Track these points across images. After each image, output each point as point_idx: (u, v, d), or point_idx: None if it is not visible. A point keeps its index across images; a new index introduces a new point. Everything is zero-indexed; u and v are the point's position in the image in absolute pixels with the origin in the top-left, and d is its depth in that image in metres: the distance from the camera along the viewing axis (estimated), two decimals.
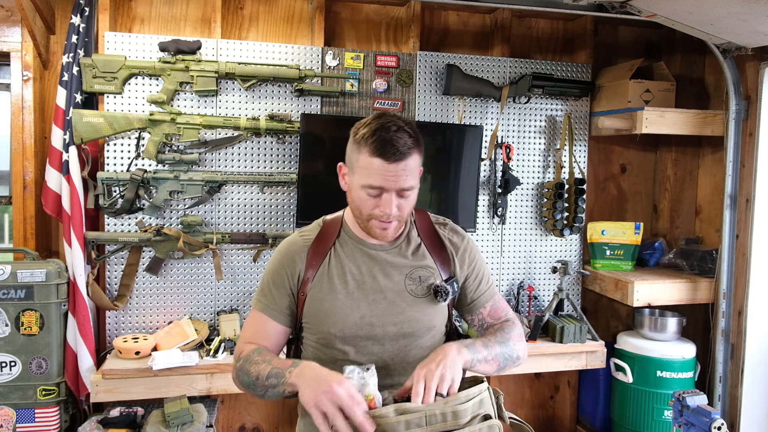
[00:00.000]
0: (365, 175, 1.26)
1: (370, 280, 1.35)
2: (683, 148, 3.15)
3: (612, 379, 2.95)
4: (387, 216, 1.27)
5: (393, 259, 1.38)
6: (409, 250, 1.40)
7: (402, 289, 1.35)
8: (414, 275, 1.37)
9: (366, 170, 1.26)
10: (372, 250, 1.38)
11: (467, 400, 1.18)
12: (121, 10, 2.60)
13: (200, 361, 2.36)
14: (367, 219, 1.31)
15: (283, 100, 2.64)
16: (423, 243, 1.42)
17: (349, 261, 1.37)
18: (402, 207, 1.29)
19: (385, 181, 1.24)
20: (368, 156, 1.25)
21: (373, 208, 1.28)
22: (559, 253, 3.00)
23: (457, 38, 2.96)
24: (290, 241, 1.42)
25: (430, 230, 1.44)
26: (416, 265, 1.38)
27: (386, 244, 1.39)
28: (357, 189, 1.29)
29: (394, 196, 1.27)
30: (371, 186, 1.26)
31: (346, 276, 1.35)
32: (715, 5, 2.08)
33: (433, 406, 1.15)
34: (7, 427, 2.34)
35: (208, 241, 2.52)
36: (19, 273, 2.31)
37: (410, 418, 1.13)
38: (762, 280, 2.68)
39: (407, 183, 1.26)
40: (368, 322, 1.32)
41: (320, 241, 1.39)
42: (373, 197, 1.27)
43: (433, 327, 1.37)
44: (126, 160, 2.51)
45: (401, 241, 1.40)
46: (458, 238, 1.46)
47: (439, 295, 1.35)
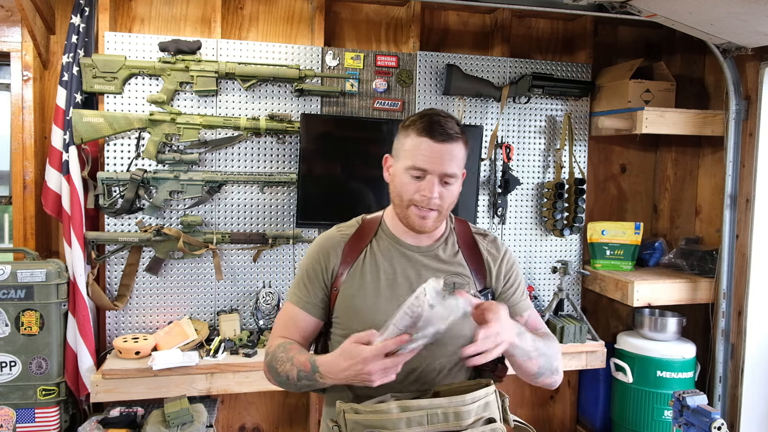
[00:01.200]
0: (410, 156, 1.26)
1: (402, 280, 1.33)
2: (683, 148, 3.15)
3: (612, 379, 2.95)
4: (427, 201, 1.25)
5: (428, 262, 1.35)
6: (446, 256, 1.37)
7: None
8: (448, 281, 1.33)
9: (412, 151, 1.26)
10: (408, 251, 1.36)
11: (472, 402, 1.18)
12: (121, 10, 2.60)
13: (200, 361, 2.36)
14: (407, 205, 1.29)
15: (283, 100, 2.64)
16: (461, 250, 1.39)
17: (383, 259, 1.35)
18: (443, 196, 1.27)
19: (430, 163, 1.24)
20: (416, 136, 1.25)
21: (414, 192, 1.26)
22: (559, 253, 3.00)
23: (457, 38, 2.96)
24: (327, 236, 1.41)
25: (470, 239, 1.42)
26: (451, 272, 1.35)
27: (423, 246, 1.37)
28: (401, 174, 1.29)
29: (437, 181, 1.25)
30: (415, 167, 1.25)
31: (379, 273, 1.33)
32: (715, 5, 2.08)
33: (435, 406, 1.15)
34: (7, 427, 2.34)
35: (208, 241, 2.52)
36: (19, 273, 2.31)
37: (412, 416, 1.13)
38: (762, 280, 2.67)
39: (451, 168, 1.25)
40: None
41: (357, 237, 1.38)
42: (416, 180, 1.26)
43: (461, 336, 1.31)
44: (126, 160, 2.51)
45: (439, 244, 1.38)
46: (497, 250, 1.43)
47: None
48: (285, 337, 1.37)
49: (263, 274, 2.68)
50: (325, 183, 2.59)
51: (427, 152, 1.24)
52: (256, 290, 2.67)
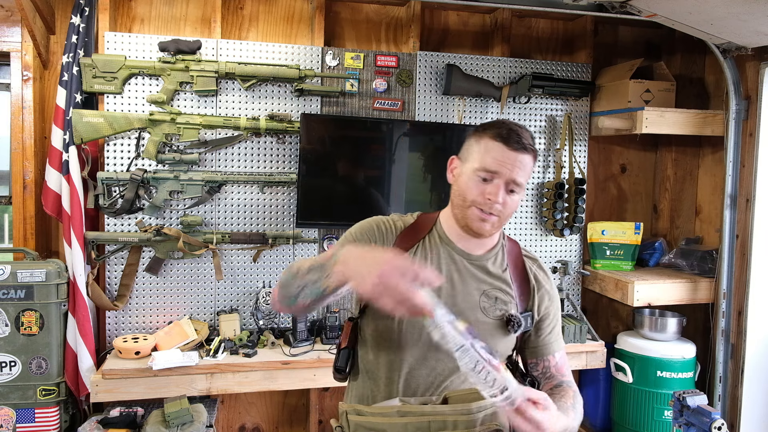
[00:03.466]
0: (481, 158, 1.26)
1: (447, 284, 1.31)
2: (683, 148, 3.15)
3: (612, 379, 2.94)
4: (491, 204, 1.25)
5: (475, 272, 1.34)
6: (494, 269, 1.36)
7: (475, 304, 1.31)
8: (491, 294, 1.32)
9: (483, 154, 1.26)
10: (458, 255, 1.34)
11: (478, 411, 1.17)
12: (121, 10, 2.60)
13: (200, 361, 2.36)
14: (469, 205, 1.27)
15: (283, 100, 2.64)
16: (509, 268, 1.38)
17: (433, 257, 1.33)
18: (506, 203, 1.26)
19: (501, 166, 1.24)
20: (490, 140, 1.26)
21: (479, 194, 1.26)
22: (559, 253, 3.00)
23: (457, 38, 2.96)
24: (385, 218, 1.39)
25: (519, 259, 1.41)
26: (496, 286, 1.34)
27: (473, 255, 1.35)
28: (468, 174, 1.28)
29: (503, 187, 1.25)
30: (486, 169, 1.25)
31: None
32: (715, 5, 2.08)
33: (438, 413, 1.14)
34: (7, 427, 2.34)
35: (208, 241, 2.52)
36: (19, 273, 2.31)
37: (414, 421, 1.13)
38: (762, 280, 2.67)
39: (519, 177, 1.25)
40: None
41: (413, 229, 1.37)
42: (483, 182, 1.26)
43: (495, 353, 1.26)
44: (126, 160, 2.51)
45: (489, 257, 1.36)
46: (544, 276, 1.42)
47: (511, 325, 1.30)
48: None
49: (263, 274, 2.68)
50: (325, 183, 2.59)
51: (500, 156, 1.24)
52: (256, 290, 2.67)
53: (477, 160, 1.27)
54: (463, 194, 1.29)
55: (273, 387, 2.41)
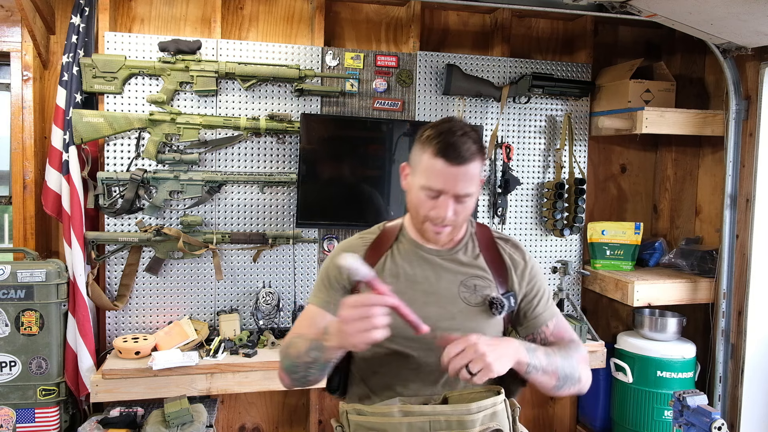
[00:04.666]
0: (426, 177, 1.26)
1: (423, 283, 1.34)
2: (683, 148, 3.15)
3: (612, 379, 2.94)
4: (442, 219, 1.26)
5: (449, 265, 1.36)
6: (466, 258, 1.38)
7: (455, 295, 1.33)
8: (469, 283, 1.35)
9: (427, 172, 1.25)
10: (428, 254, 1.37)
11: (478, 411, 1.17)
12: (121, 10, 2.60)
13: (200, 361, 2.36)
14: (423, 221, 1.30)
15: (283, 100, 2.64)
16: (481, 254, 1.39)
17: (404, 262, 1.36)
18: (458, 212, 1.28)
19: (444, 184, 1.24)
20: (431, 157, 1.25)
21: (429, 209, 1.27)
22: (559, 253, 3.00)
23: (457, 38, 2.96)
24: (348, 243, 1.43)
25: (491, 243, 1.42)
26: (472, 274, 1.36)
27: (443, 250, 1.37)
28: (416, 189, 1.29)
29: (452, 201, 1.26)
30: (430, 188, 1.25)
31: (400, 277, 1.34)
32: (715, 5, 2.08)
33: (438, 413, 1.14)
34: (7, 427, 2.34)
35: (208, 241, 2.52)
36: (19, 273, 2.31)
37: (414, 421, 1.13)
38: (762, 280, 2.67)
39: (466, 189, 1.25)
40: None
41: (379, 242, 1.40)
42: (431, 199, 1.27)
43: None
44: (126, 160, 2.51)
45: (459, 248, 1.39)
46: (519, 255, 1.43)
47: (494, 308, 1.32)
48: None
49: (263, 274, 2.68)
50: (325, 183, 2.59)
51: (442, 175, 1.23)
52: (256, 290, 2.67)
53: (422, 176, 1.27)
54: (416, 209, 1.31)
55: (273, 387, 2.41)
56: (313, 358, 1.20)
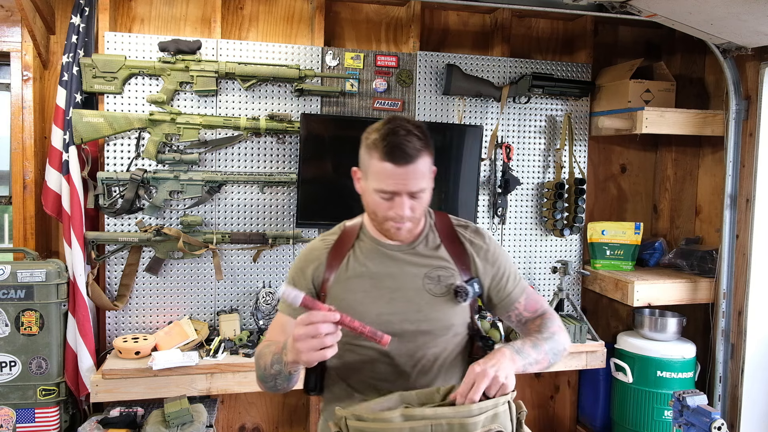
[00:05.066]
0: (377, 180, 1.29)
1: (387, 279, 1.37)
2: (683, 148, 3.15)
3: (612, 379, 2.95)
4: (400, 218, 1.30)
5: (411, 259, 1.39)
6: (428, 251, 1.41)
7: (420, 288, 1.36)
8: (433, 275, 1.37)
9: (378, 175, 1.28)
10: (390, 251, 1.39)
11: (479, 413, 1.17)
12: (121, 10, 2.60)
13: (200, 361, 2.36)
14: (383, 221, 1.33)
15: (283, 100, 2.64)
16: (443, 244, 1.42)
17: (367, 260, 1.39)
18: (415, 208, 1.31)
19: (396, 185, 1.27)
20: (379, 161, 1.27)
21: (387, 210, 1.31)
22: (559, 253, 3.00)
23: (457, 38, 2.96)
24: (311, 246, 1.45)
25: (450, 232, 1.45)
26: (435, 265, 1.39)
27: (404, 245, 1.40)
28: (371, 193, 1.32)
29: (407, 198, 1.29)
30: (383, 191, 1.28)
31: (364, 275, 1.37)
32: (715, 5, 2.08)
33: (440, 416, 1.14)
34: (7, 427, 2.34)
35: (208, 241, 2.52)
36: (19, 273, 2.31)
37: (415, 425, 1.13)
38: (762, 280, 2.67)
39: (417, 186, 1.28)
40: (386, 319, 1.33)
41: (340, 243, 1.42)
42: (387, 200, 1.30)
43: (451, 326, 1.37)
44: (126, 160, 2.51)
45: (419, 241, 1.41)
46: (480, 239, 1.46)
47: (459, 296, 1.35)
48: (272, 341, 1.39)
49: (263, 274, 2.68)
50: (325, 183, 2.59)
51: (392, 177, 1.26)
52: (256, 290, 2.67)
53: (374, 180, 1.30)
54: (374, 211, 1.34)
55: None
56: (277, 371, 1.25)
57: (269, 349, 1.31)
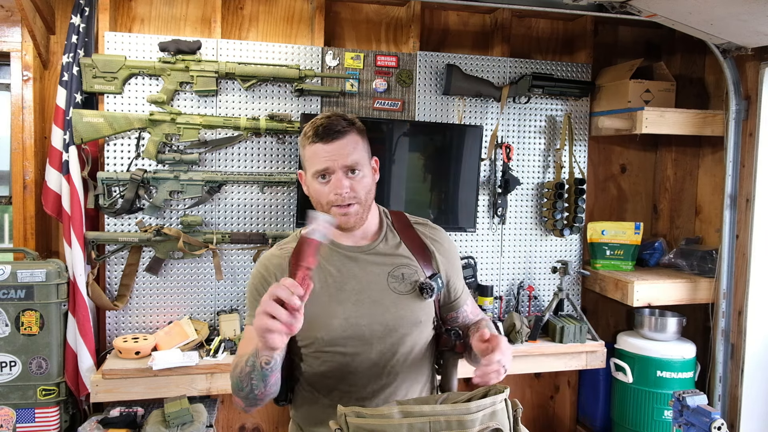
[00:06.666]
0: (311, 164, 1.32)
1: (351, 281, 1.36)
2: (683, 148, 3.15)
3: (612, 379, 2.95)
4: (341, 197, 1.31)
5: (373, 259, 1.40)
6: (389, 249, 1.42)
7: (384, 287, 1.37)
8: (396, 273, 1.39)
9: (311, 159, 1.32)
10: (350, 252, 1.40)
11: (477, 411, 1.17)
12: (121, 10, 2.60)
13: (200, 361, 2.36)
14: (328, 208, 1.33)
15: (283, 100, 2.64)
16: (402, 242, 1.44)
17: (328, 265, 1.38)
18: (354, 188, 1.32)
19: (327, 161, 1.30)
20: (309, 145, 1.32)
21: (328, 194, 1.32)
22: (559, 253, 3.00)
23: (457, 38, 2.96)
24: (270, 254, 1.44)
25: (409, 230, 1.46)
26: (397, 263, 1.40)
27: (364, 245, 1.41)
28: (312, 183, 1.34)
29: (342, 176, 1.30)
30: (317, 171, 1.31)
31: (327, 280, 1.37)
32: (715, 5, 2.08)
33: (438, 413, 1.14)
34: (7, 427, 2.34)
35: (208, 241, 2.52)
36: (19, 273, 2.31)
37: (414, 422, 1.13)
38: (762, 280, 2.68)
39: (349, 159, 1.30)
40: (354, 323, 1.33)
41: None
42: (325, 184, 1.32)
43: (419, 323, 1.39)
44: (126, 160, 2.51)
45: (379, 241, 1.42)
46: (439, 236, 1.49)
47: (425, 292, 1.37)
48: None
49: None
50: None
51: (323, 154, 1.30)
52: None
53: (309, 167, 1.34)
54: (318, 201, 1.35)
55: None
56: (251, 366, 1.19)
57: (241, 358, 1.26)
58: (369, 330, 1.33)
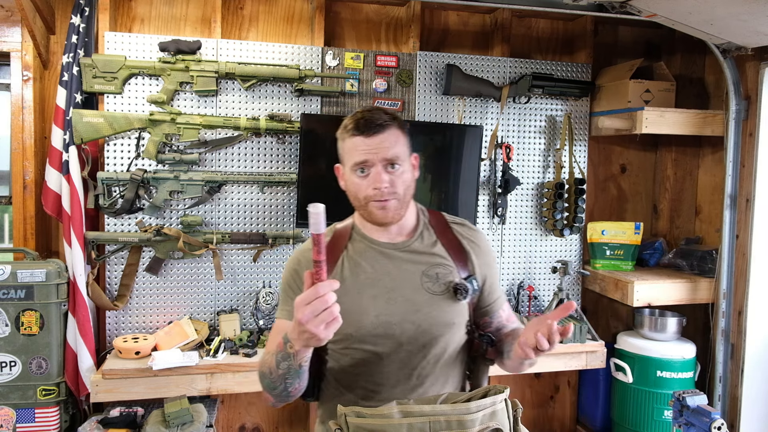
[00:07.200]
0: (351, 157, 1.30)
1: (385, 278, 1.34)
2: (683, 148, 3.15)
3: (612, 379, 2.95)
4: (380, 192, 1.28)
5: (408, 257, 1.36)
6: (425, 247, 1.38)
7: (418, 286, 1.33)
8: (431, 272, 1.35)
9: (350, 152, 1.30)
10: (385, 249, 1.36)
11: (477, 411, 1.17)
12: (121, 10, 2.60)
13: (200, 361, 2.36)
14: (366, 203, 1.31)
15: (283, 100, 2.64)
16: (439, 241, 1.40)
17: (362, 260, 1.36)
18: (394, 183, 1.29)
19: (367, 154, 1.28)
20: (349, 138, 1.30)
21: (366, 188, 1.29)
22: (559, 253, 3.00)
23: (457, 38, 2.96)
24: (302, 249, 1.42)
25: (446, 229, 1.43)
26: (433, 263, 1.36)
27: (399, 242, 1.37)
28: (349, 176, 1.32)
29: (382, 170, 1.28)
30: (356, 163, 1.29)
31: (360, 276, 1.34)
32: (715, 5, 2.08)
33: (438, 413, 1.14)
34: (7, 427, 2.34)
35: (208, 241, 2.52)
36: (19, 273, 2.31)
37: (414, 422, 1.13)
38: (762, 280, 2.67)
39: (390, 153, 1.28)
40: (385, 320, 1.30)
41: (332, 246, 1.38)
42: (364, 178, 1.30)
43: (452, 325, 1.35)
44: (126, 160, 2.51)
45: (415, 239, 1.39)
46: (477, 238, 1.45)
47: (459, 293, 1.33)
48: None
49: (263, 274, 2.68)
50: (325, 183, 2.58)
51: (363, 147, 1.28)
52: (256, 290, 2.67)
53: (348, 160, 1.32)
54: (356, 195, 1.33)
55: None
56: (285, 369, 1.19)
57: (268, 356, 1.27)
58: (400, 329, 1.30)
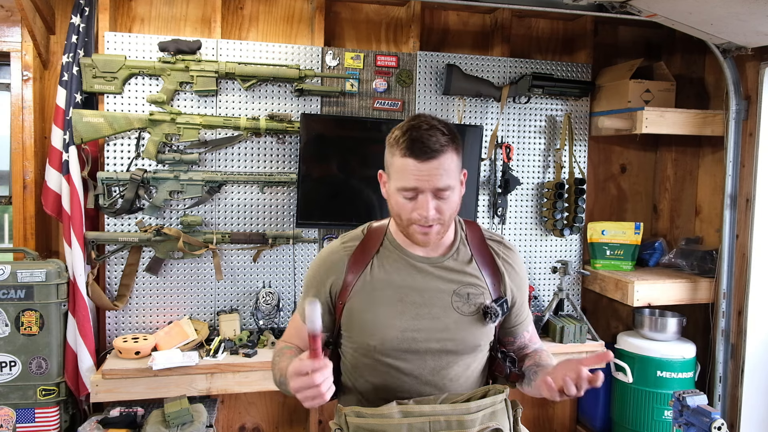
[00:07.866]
0: (399, 178, 1.22)
1: (414, 294, 1.30)
2: (683, 148, 3.15)
3: (612, 379, 2.94)
4: (425, 219, 1.21)
5: (440, 274, 1.32)
6: (459, 265, 1.34)
7: (448, 306, 1.30)
8: (462, 292, 1.31)
9: (399, 173, 1.22)
10: (418, 263, 1.32)
11: (477, 411, 1.17)
12: (121, 10, 2.60)
13: (200, 361, 2.36)
14: (407, 224, 1.25)
15: (283, 100, 2.64)
16: (474, 258, 1.35)
17: (393, 271, 1.31)
18: (441, 209, 1.23)
19: (418, 182, 1.19)
20: (400, 157, 1.22)
21: (411, 212, 1.23)
22: (559, 253, 3.00)
23: (457, 38, 2.96)
24: (331, 249, 1.38)
25: (483, 246, 1.38)
26: (465, 282, 1.32)
27: (434, 257, 1.33)
28: (394, 194, 1.25)
29: (431, 197, 1.21)
30: (405, 188, 1.22)
31: (389, 288, 1.30)
32: (715, 5, 2.08)
33: (438, 413, 1.14)
34: (7, 427, 2.34)
35: (208, 241, 2.52)
36: (19, 273, 2.31)
37: (414, 422, 1.13)
38: (762, 280, 2.67)
39: (442, 182, 1.20)
40: (410, 336, 1.28)
41: (362, 249, 1.34)
42: (410, 200, 1.22)
43: (477, 346, 1.33)
44: (126, 160, 2.51)
45: (450, 254, 1.34)
46: (513, 259, 1.40)
47: (489, 317, 1.30)
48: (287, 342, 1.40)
49: (263, 274, 2.68)
50: (325, 183, 2.59)
51: (414, 172, 1.19)
52: (256, 290, 2.67)
53: (396, 179, 1.24)
54: (398, 214, 1.26)
55: (273, 387, 2.37)
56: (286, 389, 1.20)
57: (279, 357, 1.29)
58: (425, 346, 1.28)
